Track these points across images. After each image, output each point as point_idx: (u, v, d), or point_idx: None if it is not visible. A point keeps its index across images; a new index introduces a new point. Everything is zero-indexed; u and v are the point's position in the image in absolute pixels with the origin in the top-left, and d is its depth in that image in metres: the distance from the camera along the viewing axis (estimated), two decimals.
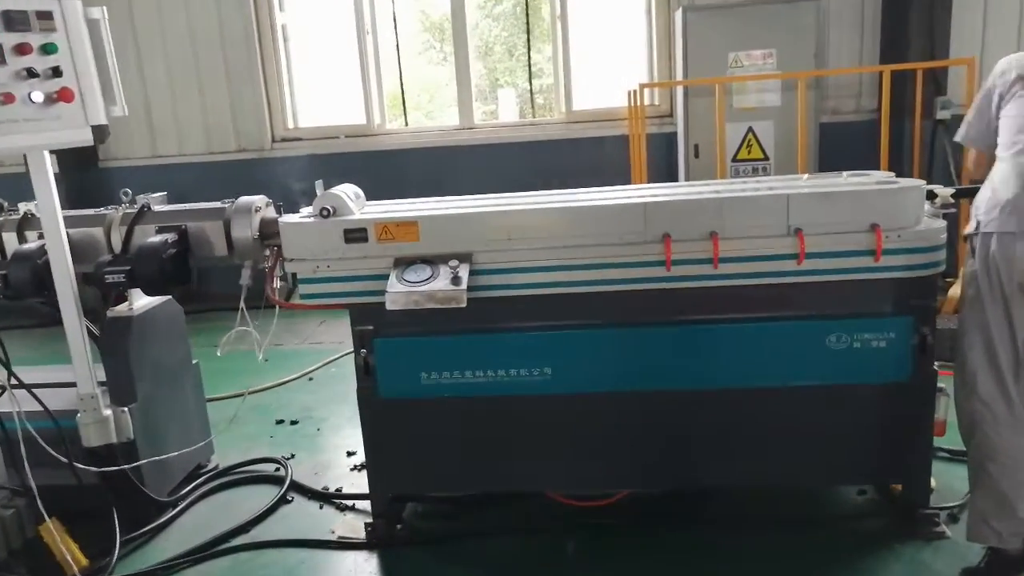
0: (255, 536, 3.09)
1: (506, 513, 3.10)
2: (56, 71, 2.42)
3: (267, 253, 3.02)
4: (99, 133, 2.51)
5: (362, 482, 3.20)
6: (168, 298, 3.43)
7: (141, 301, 3.30)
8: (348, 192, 2.85)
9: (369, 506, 3.03)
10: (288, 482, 3.45)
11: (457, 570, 2.85)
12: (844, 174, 2.92)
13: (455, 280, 2.57)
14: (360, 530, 3.03)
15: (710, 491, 3.14)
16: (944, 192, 2.70)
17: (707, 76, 5.64)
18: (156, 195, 3.17)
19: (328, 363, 5.14)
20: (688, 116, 5.98)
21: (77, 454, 2.91)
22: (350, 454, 3.76)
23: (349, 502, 3.31)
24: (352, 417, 2.89)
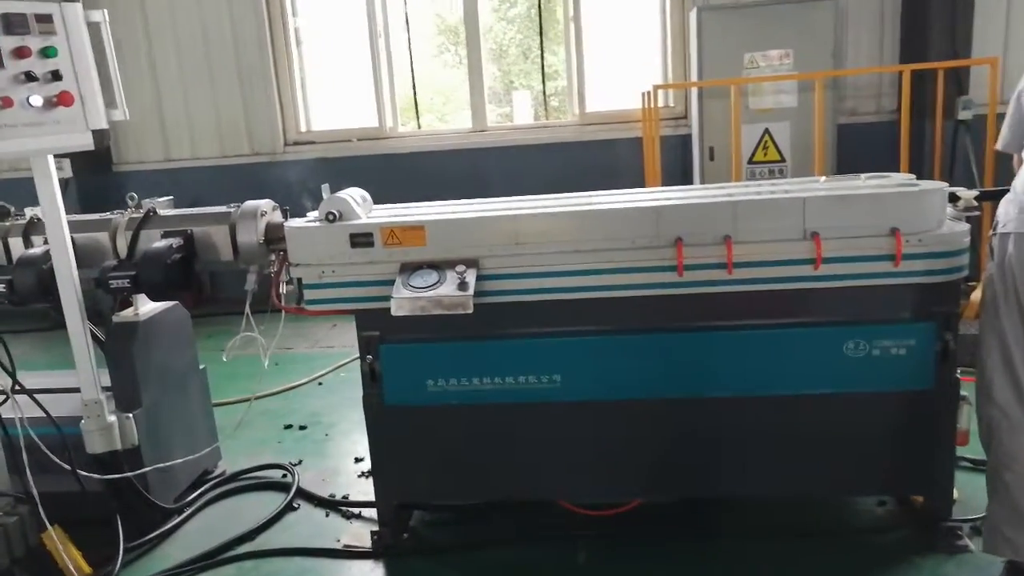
0: (260, 544, 3.05)
1: (514, 522, 3.04)
2: (56, 75, 2.39)
3: (273, 258, 3.00)
4: (99, 137, 2.48)
5: (369, 489, 3.16)
6: (175, 303, 3.41)
7: (147, 306, 3.28)
8: (355, 196, 2.81)
9: (376, 514, 2.99)
10: (295, 489, 3.41)
11: None
12: (863, 176, 2.85)
13: (462, 286, 2.52)
14: (366, 539, 2.98)
15: (723, 501, 3.07)
16: (967, 194, 2.62)
17: (722, 77, 5.57)
18: (162, 199, 3.16)
19: (338, 368, 5.10)
20: (703, 118, 5.93)
21: (81, 461, 2.89)
22: (358, 460, 3.72)
23: (356, 510, 3.26)
24: (361, 422, 2.85)
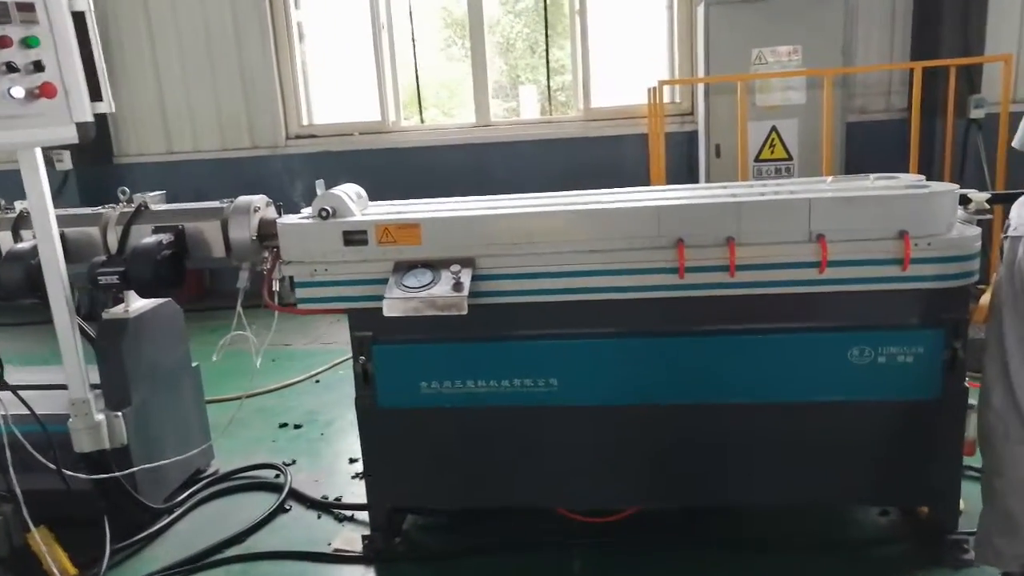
0: (249, 547, 2.99)
1: (509, 527, 2.97)
2: (38, 65, 2.32)
3: (265, 255, 2.92)
4: (84, 130, 2.40)
5: (363, 491, 3.09)
6: (167, 299, 3.35)
7: (138, 303, 3.22)
8: (349, 192, 2.74)
9: (368, 517, 2.93)
10: (287, 490, 3.35)
11: None
12: (871, 177, 2.77)
13: (457, 286, 2.45)
14: (358, 543, 2.92)
15: (723, 509, 3.00)
16: (979, 197, 2.53)
17: (729, 73, 5.49)
18: (153, 194, 3.08)
19: (335, 365, 5.04)
20: (709, 114, 5.84)
21: (69, 459, 2.83)
22: (352, 461, 3.65)
23: (348, 512, 3.20)
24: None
